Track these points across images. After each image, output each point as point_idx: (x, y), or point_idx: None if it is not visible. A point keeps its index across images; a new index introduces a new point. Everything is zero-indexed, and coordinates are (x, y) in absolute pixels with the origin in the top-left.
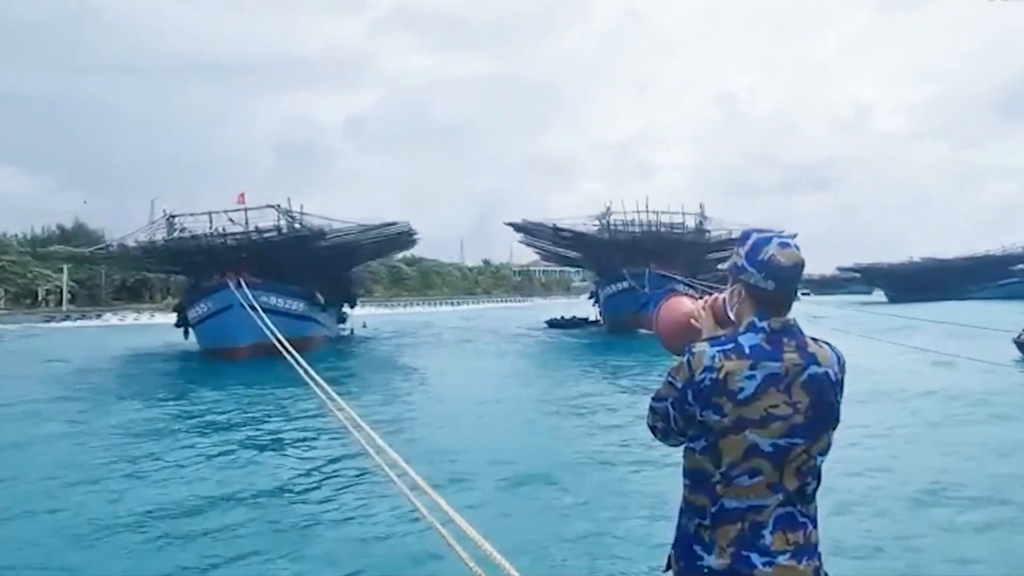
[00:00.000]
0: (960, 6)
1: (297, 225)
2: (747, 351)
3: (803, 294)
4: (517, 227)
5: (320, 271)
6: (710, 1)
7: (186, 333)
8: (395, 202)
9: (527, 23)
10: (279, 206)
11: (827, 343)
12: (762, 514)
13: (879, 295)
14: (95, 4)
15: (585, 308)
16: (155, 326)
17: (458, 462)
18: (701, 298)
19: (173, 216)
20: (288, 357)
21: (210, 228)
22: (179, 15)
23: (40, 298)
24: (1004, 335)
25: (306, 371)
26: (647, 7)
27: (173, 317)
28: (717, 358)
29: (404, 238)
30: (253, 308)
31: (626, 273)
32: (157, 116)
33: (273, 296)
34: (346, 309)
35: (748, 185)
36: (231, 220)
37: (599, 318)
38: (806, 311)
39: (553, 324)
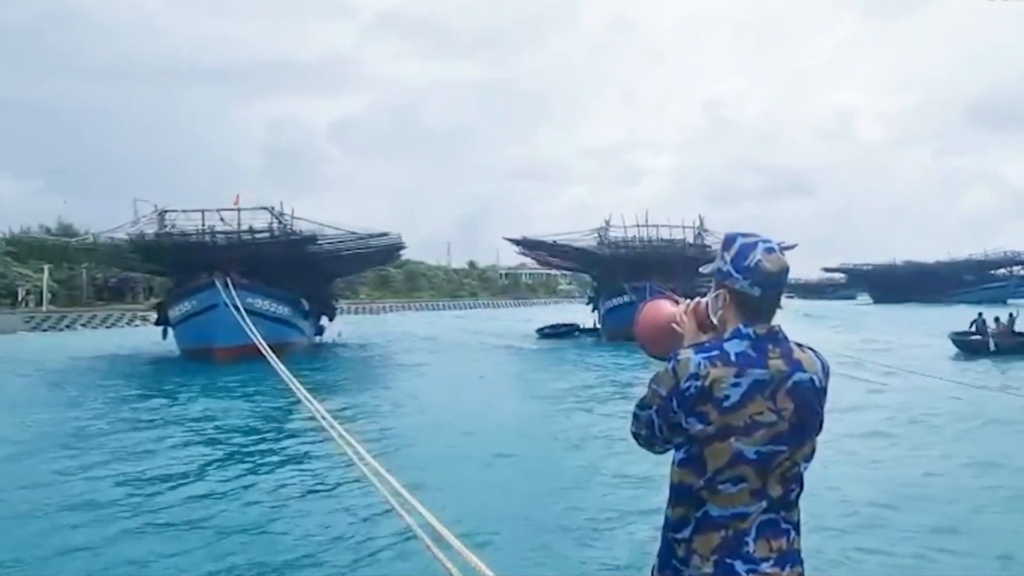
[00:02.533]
0: (945, 15)
1: (289, 229)
2: (733, 358)
3: (787, 297)
4: (517, 243)
5: (307, 277)
6: (697, 10)
7: (164, 333)
8: (382, 205)
9: (516, 30)
10: (272, 208)
11: (812, 349)
12: (745, 521)
13: (864, 300)
14: (84, 8)
15: (574, 314)
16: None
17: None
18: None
19: (165, 211)
20: (272, 362)
21: (202, 225)
22: (168, 19)
23: (20, 298)
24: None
25: (289, 378)
26: (635, 15)
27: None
28: (703, 365)
29: (392, 251)
30: (238, 309)
31: (627, 288)
32: (145, 120)
33: (260, 298)
34: (324, 322)
35: (734, 189)
36: (222, 219)
37: (597, 325)
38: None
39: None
